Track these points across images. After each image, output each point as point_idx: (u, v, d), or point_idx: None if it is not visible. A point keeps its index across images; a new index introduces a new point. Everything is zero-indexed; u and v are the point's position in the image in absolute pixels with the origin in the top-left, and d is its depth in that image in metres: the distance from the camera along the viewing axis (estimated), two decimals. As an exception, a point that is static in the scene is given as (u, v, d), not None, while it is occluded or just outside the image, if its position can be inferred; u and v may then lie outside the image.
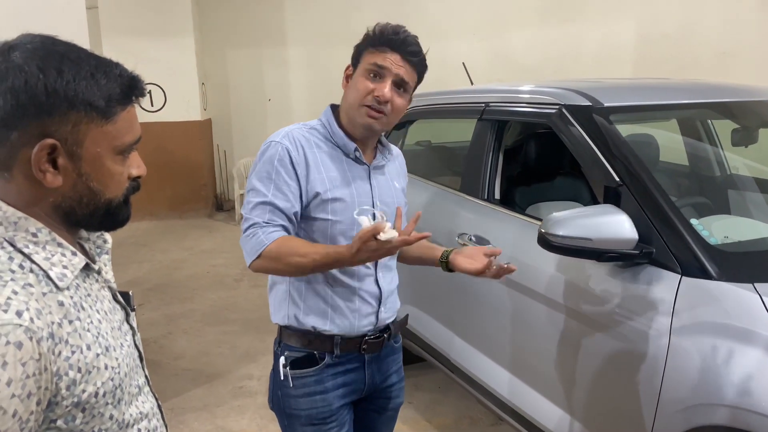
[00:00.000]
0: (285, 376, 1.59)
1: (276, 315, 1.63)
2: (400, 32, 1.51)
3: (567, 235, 1.74)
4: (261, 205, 1.49)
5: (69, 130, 0.84)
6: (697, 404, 1.59)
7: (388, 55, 1.50)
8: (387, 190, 1.64)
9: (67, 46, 0.87)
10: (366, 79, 1.51)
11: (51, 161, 0.84)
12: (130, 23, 7.06)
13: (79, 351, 0.86)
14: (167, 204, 7.49)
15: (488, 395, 2.46)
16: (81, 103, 0.84)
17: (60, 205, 0.88)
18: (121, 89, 0.88)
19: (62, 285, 0.86)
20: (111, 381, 0.90)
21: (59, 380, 0.83)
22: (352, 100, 1.53)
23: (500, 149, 2.65)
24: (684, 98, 2.51)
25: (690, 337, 1.62)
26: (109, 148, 0.88)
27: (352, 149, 1.57)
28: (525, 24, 7.25)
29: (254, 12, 7.82)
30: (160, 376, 3.58)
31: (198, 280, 5.31)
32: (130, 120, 0.90)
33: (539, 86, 2.53)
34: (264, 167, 1.51)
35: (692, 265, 1.67)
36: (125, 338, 0.99)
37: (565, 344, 2.06)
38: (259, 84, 8.04)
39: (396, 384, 1.76)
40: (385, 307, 1.64)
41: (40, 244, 0.87)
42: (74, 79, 0.83)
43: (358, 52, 1.56)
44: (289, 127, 1.58)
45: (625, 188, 1.87)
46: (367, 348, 1.62)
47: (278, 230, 1.48)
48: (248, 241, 1.48)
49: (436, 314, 2.82)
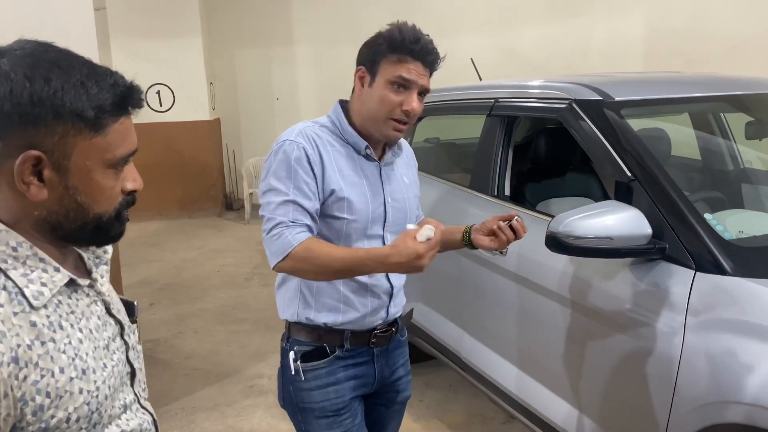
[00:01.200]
0: (296, 371, 1.58)
1: (285, 311, 1.62)
2: (421, 40, 1.48)
3: (578, 236, 1.72)
4: (284, 204, 1.45)
5: (55, 142, 0.80)
6: (712, 402, 1.56)
7: (411, 66, 1.48)
8: (397, 186, 1.63)
9: (59, 53, 0.83)
10: (391, 92, 1.48)
11: (36, 173, 0.80)
12: (138, 24, 7.08)
13: (49, 375, 0.81)
14: (177, 204, 7.52)
15: (499, 393, 2.45)
16: (68, 114, 0.79)
17: (46, 219, 0.84)
18: (114, 100, 0.83)
19: (37, 304, 0.82)
20: (86, 405, 0.86)
21: (24, 406, 0.78)
22: (376, 111, 1.50)
23: (510, 145, 2.62)
24: (696, 92, 2.48)
25: (705, 334, 1.60)
26: (99, 161, 0.84)
27: (364, 147, 1.55)
28: (533, 19, 7.21)
29: (262, 11, 7.83)
30: (171, 375, 3.59)
31: (208, 280, 5.33)
32: (123, 132, 0.86)
33: (549, 81, 2.50)
34: (281, 166, 1.48)
35: (706, 260, 1.65)
36: (112, 357, 0.93)
37: (576, 342, 2.04)
38: (267, 83, 8.05)
39: (403, 377, 1.76)
40: (394, 302, 1.65)
41: (20, 259, 0.83)
42: (62, 87, 0.79)
43: (374, 57, 1.50)
44: (302, 125, 1.55)
45: (637, 183, 1.85)
46: (376, 341, 1.62)
47: (304, 231, 1.45)
48: (274, 242, 1.44)
49: (447, 312, 2.81)
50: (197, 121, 7.46)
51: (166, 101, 7.34)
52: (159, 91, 7.28)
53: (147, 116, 7.11)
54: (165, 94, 7.32)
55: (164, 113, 7.35)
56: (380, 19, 1.68)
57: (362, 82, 1.53)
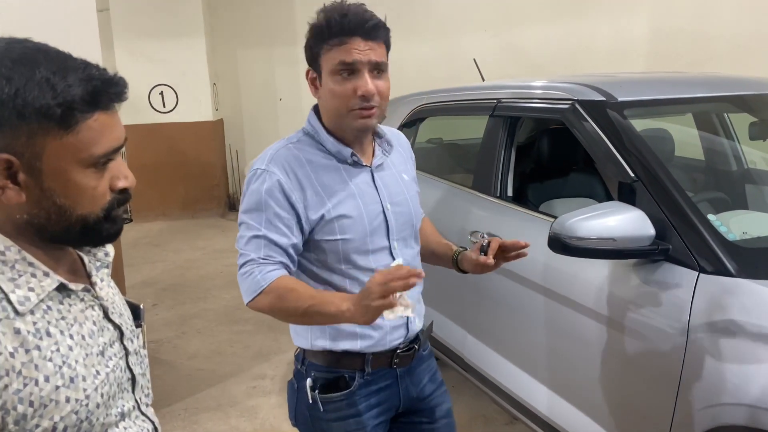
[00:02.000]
0: (314, 400, 1.47)
1: (298, 339, 1.51)
2: (349, 13, 1.32)
3: (581, 237, 1.71)
4: (254, 239, 1.36)
5: (24, 143, 0.76)
6: (716, 404, 1.56)
7: (348, 45, 1.31)
8: (396, 187, 1.50)
9: (25, 50, 0.79)
10: (339, 82, 1.34)
11: (11, 177, 0.78)
12: (141, 25, 7.09)
13: (33, 383, 0.78)
14: (180, 204, 7.52)
15: (502, 394, 2.44)
16: (32, 113, 0.75)
17: (30, 222, 0.81)
18: (83, 95, 0.78)
19: (22, 310, 0.79)
20: (74, 414, 0.82)
21: (6, 415, 0.76)
22: (334, 108, 1.38)
23: (512, 146, 2.62)
24: (699, 92, 2.47)
25: (708, 335, 1.59)
26: (74, 161, 0.79)
27: (349, 155, 1.41)
28: (536, 19, 7.20)
29: (265, 12, 7.83)
30: (174, 376, 3.59)
31: (211, 280, 5.33)
32: (99, 129, 0.80)
33: (552, 81, 2.50)
34: (252, 198, 1.37)
35: (710, 261, 1.64)
36: (107, 363, 0.89)
37: (579, 342, 2.04)
38: (271, 83, 8.05)
39: (435, 391, 1.62)
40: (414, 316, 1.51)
41: (8, 263, 0.80)
42: (24, 86, 0.75)
43: (312, 53, 1.38)
44: (273, 148, 1.42)
45: (640, 184, 1.85)
46: (399, 362, 1.50)
47: (277, 268, 1.35)
48: (244, 280, 1.36)
49: (449, 312, 2.80)
50: (200, 122, 7.46)
51: (169, 102, 7.35)
52: (162, 92, 7.30)
53: (150, 117, 7.13)
54: (168, 95, 7.33)
55: (167, 114, 7.35)
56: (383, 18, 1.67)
57: (314, 84, 1.41)
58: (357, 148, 1.44)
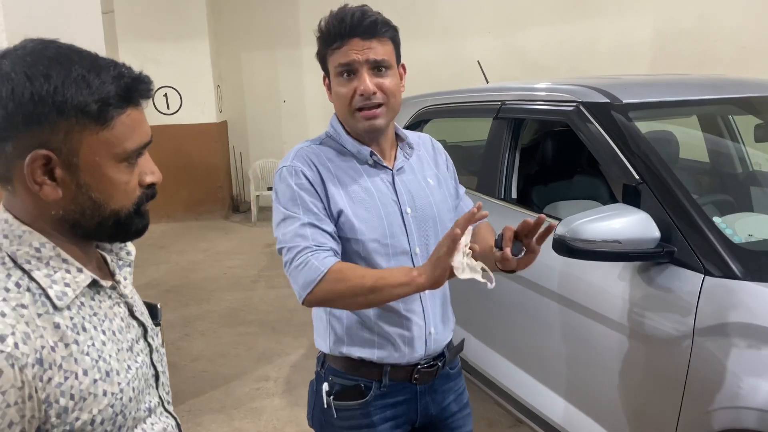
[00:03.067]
0: (328, 405, 1.45)
1: (319, 341, 1.50)
2: (346, 17, 1.33)
3: (585, 239, 1.70)
4: (302, 228, 1.33)
5: (62, 139, 0.79)
6: (722, 407, 1.55)
7: (346, 47, 1.33)
8: (419, 191, 1.45)
9: (59, 49, 0.81)
10: (341, 84, 1.36)
11: (48, 173, 0.80)
12: (145, 27, 7.12)
13: (73, 377, 0.80)
14: (184, 206, 7.54)
15: (506, 397, 2.44)
16: (71, 110, 0.78)
17: (64, 218, 0.83)
18: (118, 91, 0.81)
19: (60, 305, 0.81)
20: (110, 408, 0.85)
21: (49, 408, 0.78)
22: (341, 110, 1.40)
23: (517, 148, 2.62)
24: (704, 94, 2.46)
25: (714, 338, 1.58)
26: (109, 155, 0.82)
27: (368, 154, 1.41)
28: (540, 21, 7.20)
29: (269, 14, 7.85)
30: (178, 378, 3.59)
31: (214, 282, 5.34)
32: (131, 124, 0.83)
33: (556, 83, 2.49)
34: (285, 194, 1.37)
35: (715, 264, 1.63)
36: (136, 359, 0.92)
37: (583, 345, 2.03)
38: (274, 86, 8.07)
39: (457, 413, 1.56)
40: (435, 329, 1.46)
41: (43, 259, 0.83)
42: (62, 83, 0.77)
43: (321, 59, 1.41)
44: (298, 147, 1.44)
45: (645, 186, 1.84)
46: (419, 378, 1.46)
47: (331, 254, 1.31)
48: (300, 271, 1.29)
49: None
50: (204, 124, 7.48)
51: (173, 104, 7.37)
52: (166, 94, 7.32)
53: (154, 119, 7.15)
54: (172, 97, 7.35)
55: (171, 116, 7.37)
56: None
57: (328, 89, 1.43)
58: (378, 150, 1.44)
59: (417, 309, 1.43)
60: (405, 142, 1.49)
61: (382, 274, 1.28)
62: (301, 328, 4.18)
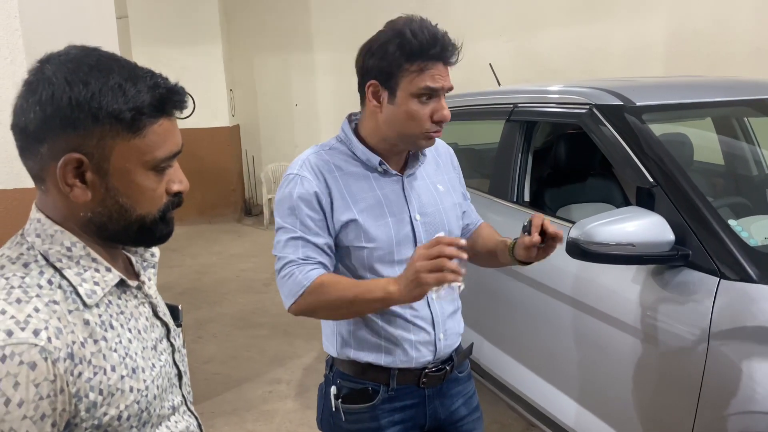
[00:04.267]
0: (336, 408, 1.46)
1: (326, 345, 1.52)
2: (438, 38, 1.31)
3: (599, 242, 1.69)
4: (292, 240, 1.36)
5: (95, 144, 0.81)
6: (738, 412, 1.53)
7: (434, 71, 1.31)
8: (428, 198, 1.46)
9: (100, 57, 0.84)
10: (419, 105, 1.33)
11: (79, 176, 0.82)
12: (159, 32, 7.18)
13: (102, 372, 0.83)
14: (197, 209, 7.58)
15: (519, 400, 2.43)
16: (106, 116, 0.81)
17: (92, 220, 0.86)
18: (152, 101, 0.83)
19: (90, 302, 0.84)
20: (136, 404, 0.87)
21: (78, 402, 0.80)
22: (407, 129, 1.35)
23: (529, 150, 2.61)
24: (719, 96, 2.44)
25: (730, 342, 1.57)
26: (139, 163, 0.85)
27: (377, 162, 1.41)
28: (552, 24, 7.17)
29: (281, 18, 7.88)
30: (191, 380, 3.60)
31: (227, 285, 5.36)
32: (162, 134, 0.86)
33: (569, 86, 2.49)
34: (283, 203, 1.39)
35: (731, 267, 1.62)
36: (160, 358, 0.95)
37: (597, 349, 2.02)
38: (286, 89, 8.10)
39: (466, 417, 1.56)
40: (444, 334, 1.46)
41: (74, 258, 0.85)
42: (100, 90, 0.80)
43: (389, 68, 1.32)
44: (306, 153, 1.43)
45: (659, 189, 1.83)
46: (427, 382, 1.46)
47: (317, 267, 1.34)
48: (285, 282, 1.35)
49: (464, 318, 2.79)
50: (217, 128, 7.52)
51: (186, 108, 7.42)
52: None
53: (169, 123, 7.20)
54: (185, 101, 7.40)
55: (185, 120, 7.30)
56: (399, 25, 1.66)
57: (377, 98, 1.36)
58: (392, 158, 1.43)
59: (426, 315, 1.43)
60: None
61: (360, 289, 1.30)
62: (312, 331, 4.18)
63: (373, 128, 1.41)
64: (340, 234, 1.38)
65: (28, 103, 0.81)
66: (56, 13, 2.38)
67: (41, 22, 2.26)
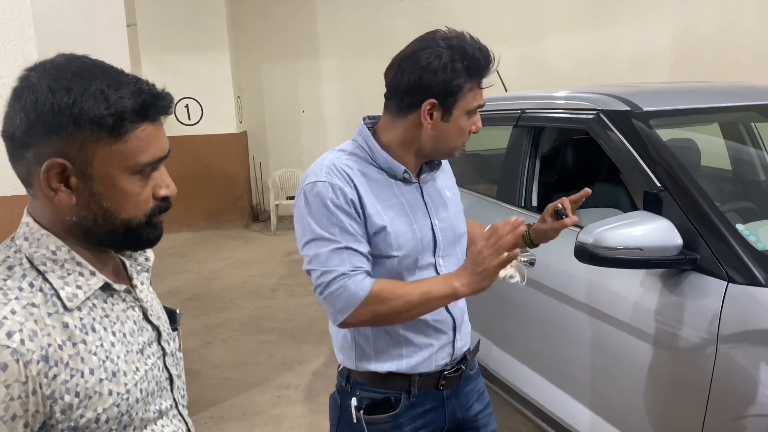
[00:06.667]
0: (358, 420, 1.43)
1: (341, 357, 1.48)
2: (490, 57, 1.33)
3: (607, 247, 1.70)
4: (337, 251, 1.29)
5: (78, 149, 0.82)
6: (747, 415, 1.54)
7: (480, 89, 1.35)
8: (441, 203, 1.47)
9: (84, 64, 0.85)
10: (467, 121, 1.35)
11: (63, 180, 0.83)
12: (167, 39, 7.23)
13: (79, 375, 0.83)
14: (204, 215, 7.62)
15: (528, 405, 2.43)
16: (87, 122, 0.81)
17: (78, 224, 0.87)
18: (133, 106, 0.83)
19: (71, 305, 0.85)
20: (116, 407, 0.87)
21: (54, 404, 0.81)
22: (452, 143, 1.37)
23: (537, 156, 2.62)
24: (725, 101, 2.45)
25: (738, 346, 1.57)
26: (121, 167, 0.85)
27: (401, 171, 1.38)
28: (559, 30, 7.19)
29: (288, 26, 7.93)
30: (199, 385, 3.63)
31: (235, 290, 5.38)
32: (146, 139, 0.86)
33: (576, 92, 2.50)
34: (319, 212, 1.31)
35: (739, 271, 1.63)
36: (146, 362, 0.94)
37: (605, 353, 2.02)
38: (294, 96, 8.15)
39: (482, 411, 1.58)
40: (460, 334, 1.48)
41: (59, 262, 0.86)
42: (81, 96, 0.81)
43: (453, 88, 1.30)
44: (328, 158, 1.37)
45: (667, 193, 1.84)
46: (446, 383, 1.47)
47: (367, 277, 1.30)
48: (337, 297, 1.28)
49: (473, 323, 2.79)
50: (225, 134, 7.56)
51: (194, 115, 7.46)
52: (188, 105, 7.42)
53: (176, 129, 7.25)
54: (193, 108, 7.44)
55: (193, 126, 7.47)
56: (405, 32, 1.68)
57: (431, 116, 1.33)
58: (410, 166, 1.42)
59: (446, 320, 1.44)
60: None
61: (424, 288, 1.29)
62: (321, 336, 4.20)
63: (401, 139, 1.38)
64: (372, 241, 1.34)
65: (14, 109, 0.83)
66: (69, 21, 2.41)
67: (54, 31, 2.29)
